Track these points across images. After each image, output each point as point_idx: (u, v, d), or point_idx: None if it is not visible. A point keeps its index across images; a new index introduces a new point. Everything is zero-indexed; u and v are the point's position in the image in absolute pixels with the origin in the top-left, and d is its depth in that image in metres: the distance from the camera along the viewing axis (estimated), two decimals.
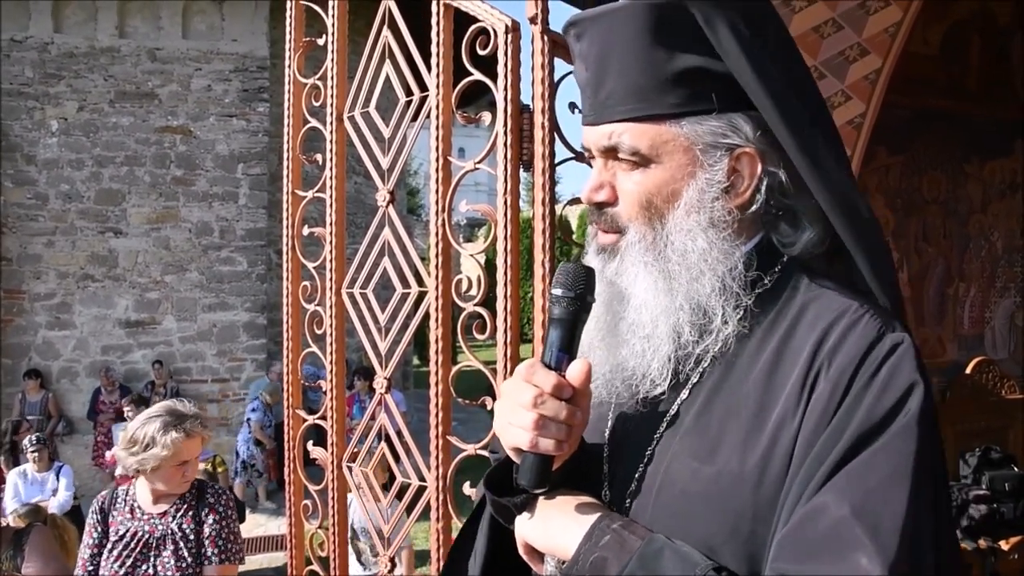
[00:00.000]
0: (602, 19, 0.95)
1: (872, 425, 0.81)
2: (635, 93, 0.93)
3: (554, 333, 0.93)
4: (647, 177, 0.94)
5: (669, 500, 0.91)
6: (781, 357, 0.89)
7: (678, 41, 0.91)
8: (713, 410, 0.91)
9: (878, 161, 4.23)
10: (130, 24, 9.40)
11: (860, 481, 0.79)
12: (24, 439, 6.58)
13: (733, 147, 0.94)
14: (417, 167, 25.65)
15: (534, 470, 0.90)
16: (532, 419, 0.88)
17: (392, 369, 2.23)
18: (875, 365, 0.84)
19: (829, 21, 2.63)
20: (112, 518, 2.82)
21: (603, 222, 0.98)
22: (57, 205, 9.20)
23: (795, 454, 0.84)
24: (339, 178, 2.35)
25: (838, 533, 0.77)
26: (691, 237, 0.93)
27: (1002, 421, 4.53)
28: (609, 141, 0.95)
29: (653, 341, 0.93)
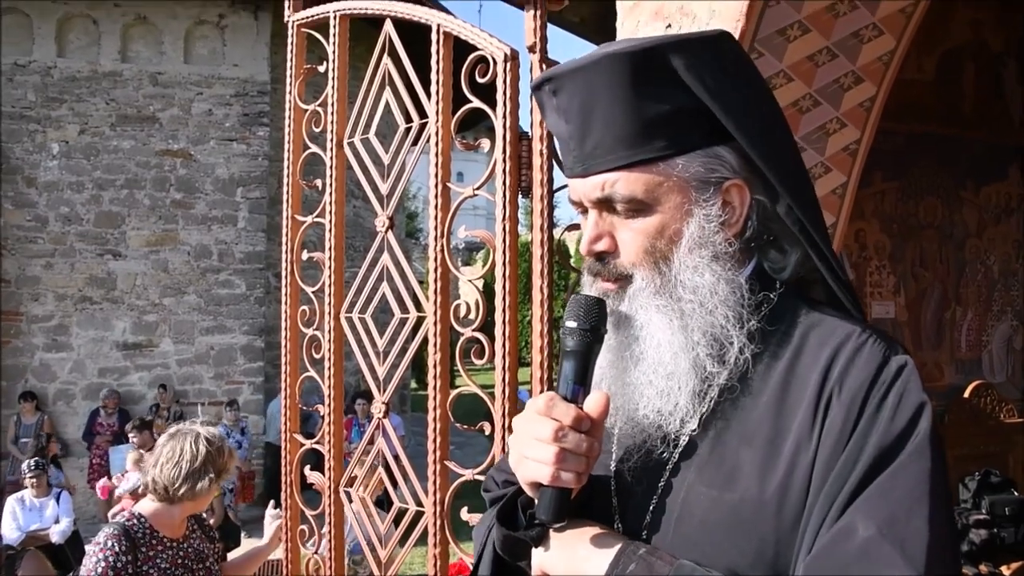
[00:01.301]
0: (580, 73, 0.96)
1: (887, 446, 0.84)
2: (623, 141, 0.94)
3: (568, 365, 0.93)
4: (647, 222, 0.95)
5: (689, 530, 0.91)
6: (789, 383, 0.91)
7: (658, 85, 0.93)
8: (726, 439, 0.92)
9: (874, 186, 4.26)
10: (132, 49, 9.50)
11: (883, 501, 0.81)
12: (24, 464, 6.50)
13: (723, 180, 0.96)
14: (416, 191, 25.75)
15: (554, 504, 0.90)
16: (553, 453, 0.88)
17: (390, 394, 2.23)
18: (884, 388, 0.87)
19: (823, 50, 2.66)
20: (143, 554, 2.55)
21: (606, 272, 0.98)
22: (56, 227, 9.22)
23: (813, 478, 0.86)
24: (338, 203, 2.36)
25: (867, 552, 0.79)
26: (699, 273, 0.94)
27: (1001, 445, 4.52)
28: (603, 192, 0.96)
29: (677, 379, 0.94)
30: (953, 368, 4.59)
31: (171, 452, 2.62)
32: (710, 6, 2.56)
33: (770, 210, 0.98)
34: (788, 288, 0.99)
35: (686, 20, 2.64)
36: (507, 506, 1.00)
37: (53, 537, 6.20)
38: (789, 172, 0.97)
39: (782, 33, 2.56)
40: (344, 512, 2.35)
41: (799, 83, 2.68)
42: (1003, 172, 4.75)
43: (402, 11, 2.21)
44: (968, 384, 4.52)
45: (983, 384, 4.56)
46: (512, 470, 0.96)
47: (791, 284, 1.00)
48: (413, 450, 9.03)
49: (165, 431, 2.85)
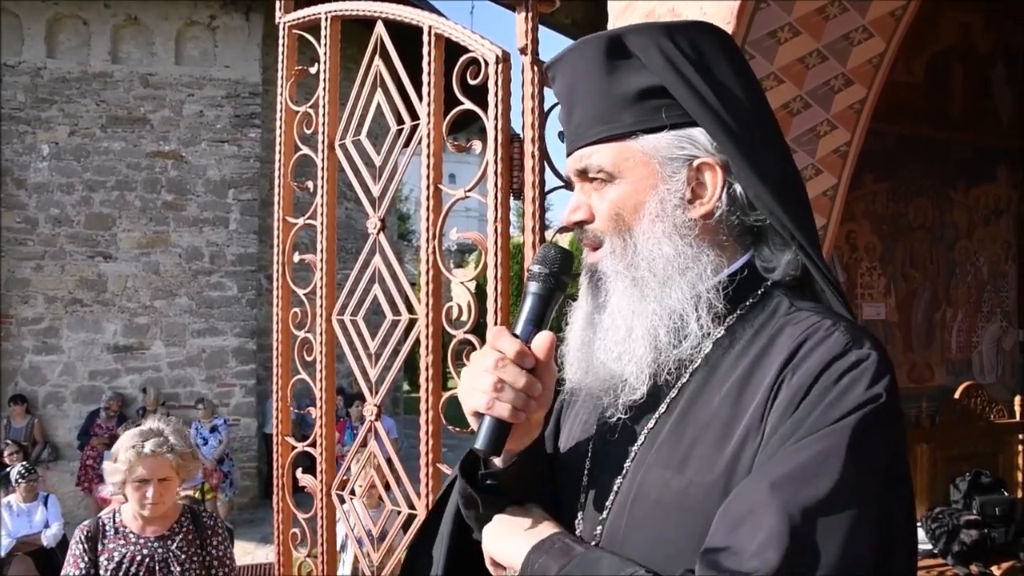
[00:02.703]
0: (566, 58, 1.06)
1: (819, 428, 0.83)
2: (597, 118, 1.02)
3: (526, 306, 0.99)
4: (614, 192, 1.01)
5: (642, 511, 0.94)
6: (753, 372, 0.93)
7: (629, 67, 1.00)
8: (688, 423, 0.95)
9: (865, 188, 4.28)
10: (123, 50, 9.45)
11: (781, 464, 0.81)
12: (13, 470, 6.44)
13: (692, 158, 0.99)
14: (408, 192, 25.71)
15: (490, 435, 0.93)
16: (491, 382, 0.92)
17: (382, 396, 2.23)
18: (835, 376, 0.86)
19: (814, 52, 2.67)
20: (102, 546, 2.74)
21: (586, 238, 1.05)
22: (47, 229, 9.16)
23: (755, 463, 0.86)
24: (330, 205, 2.36)
25: (758, 504, 0.79)
26: (656, 244, 0.98)
27: (991, 445, 4.54)
28: (580, 164, 1.04)
29: (630, 344, 0.97)
30: (943, 369, 4.61)
31: (112, 451, 2.78)
32: (701, 8, 2.57)
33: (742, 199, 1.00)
34: (778, 287, 1.01)
35: None
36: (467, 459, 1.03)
37: (45, 541, 6.16)
38: (768, 165, 0.98)
39: (772, 35, 2.57)
40: (336, 515, 2.34)
41: (790, 85, 2.69)
42: (992, 174, 4.78)
43: (393, 13, 2.21)
44: (958, 385, 4.54)
45: (973, 385, 4.58)
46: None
47: (783, 284, 1.01)
48: (406, 452, 9.02)
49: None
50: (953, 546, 3.91)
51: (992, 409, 4.58)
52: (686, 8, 2.62)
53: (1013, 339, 4.87)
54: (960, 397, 4.50)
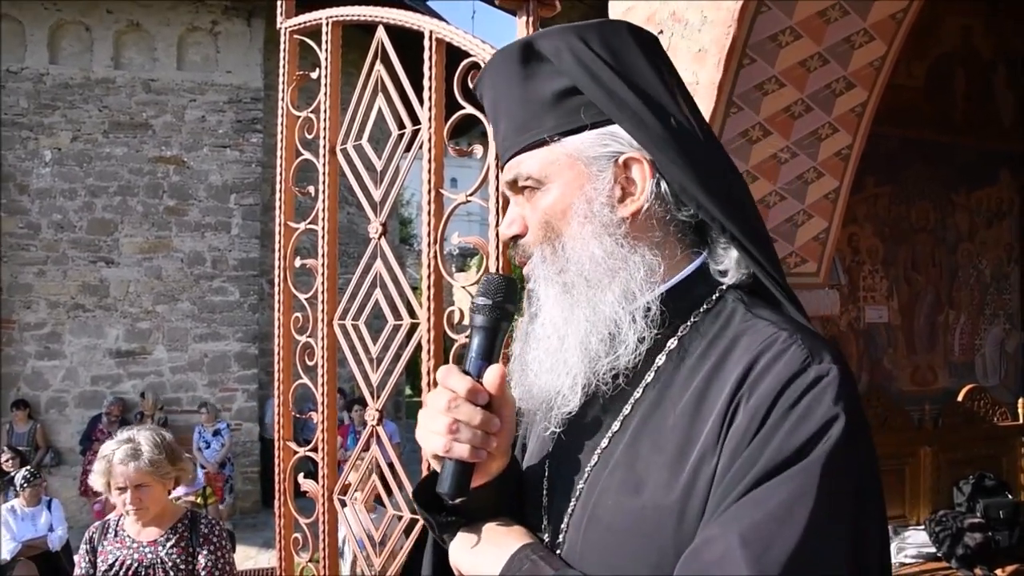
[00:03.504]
0: (487, 73, 1.05)
1: (784, 458, 0.78)
2: (520, 126, 1.00)
3: (474, 341, 0.95)
4: (543, 198, 0.98)
5: (597, 535, 0.90)
6: (708, 389, 0.87)
7: (544, 71, 0.98)
8: (641, 443, 0.90)
9: (867, 191, 4.28)
10: (125, 55, 9.48)
11: (753, 510, 0.76)
12: (18, 475, 6.44)
13: (617, 154, 0.96)
14: (409, 196, 25.72)
15: (452, 478, 0.90)
16: (446, 424, 0.89)
17: (384, 401, 2.23)
18: (795, 396, 0.80)
19: (815, 55, 2.67)
20: (102, 547, 2.79)
21: (519, 254, 1.02)
22: (49, 235, 9.18)
23: (713, 487, 0.82)
24: (331, 210, 2.36)
25: (724, 559, 0.74)
26: (584, 245, 0.94)
27: (995, 448, 4.54)
28: (510, 175, 1.01)
29: (562, 354, 0.94)
30: (946, 372, 4.60)
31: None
32: (702, 12, 2.57)
33: (668, 195, 0.96)
34: (733, 291, 0.96)
35: (678, 26, 2.65)
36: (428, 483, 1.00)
37: (51, 544, 6.17)
38: (691, 156, 0.94)
39: (774, 39, 2.57)
40: (338, 520, 2.34)
41: (791, 88, 2.69)
42: (994, 177, 4.78)
43: (395, 18, 2.21)
44: (961, 388, 4.54)
45: (976, 388, 4.58)
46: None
47: (741, 288, 0.96)
48: (408, 457, 9.00)
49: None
50: (957, 549, 3.90)
51: (995, 412, 4.57)
52: (687, 11, 2.62)
53: (1016, 341, 4.86)
54: (963, 400, 4.49)
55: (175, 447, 2.91)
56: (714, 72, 2.51)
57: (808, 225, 2.97)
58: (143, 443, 2.76)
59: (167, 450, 2.82)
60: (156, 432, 2.89)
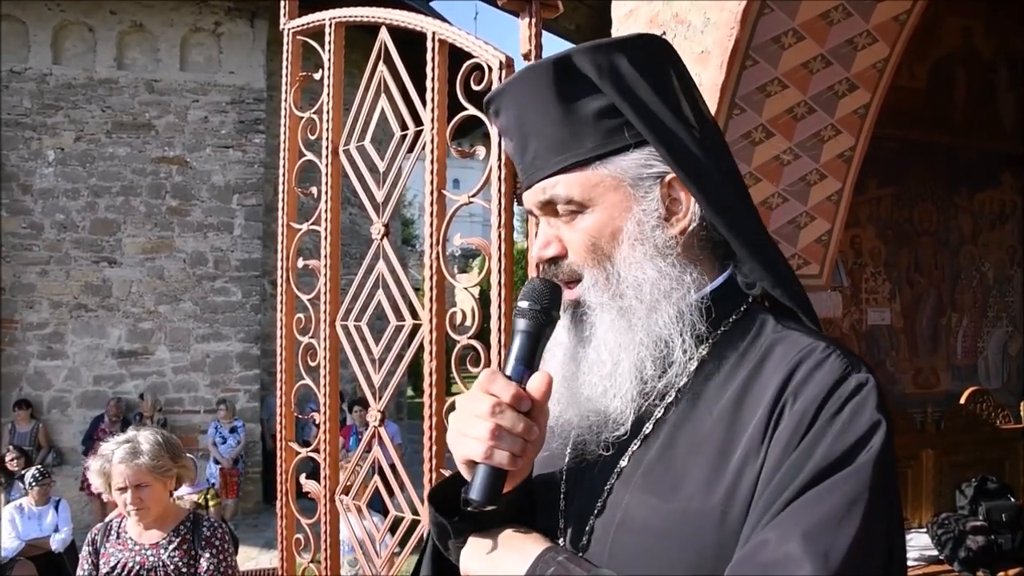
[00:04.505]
0: (511, 89, 1.01)
1: (832, 461, 0.81)
2: (556, 146, 0.97)
3: (516, 345, 0.93)
4: (588, 221, 0.97)
5: (630, 537, 0.90)
6: (746, 394, 0.90)
7: (581, 88, 0.96)
8: (676, 446, 0.91)
9: (869, 193, 4.27)
10: (128, 56, 9.49)
11: (815, 511, 0.79)
12: (27, 473, 6.45)
13: (663, 174, 0.96)
14: (412, 198, 25.73)
15: (486, 484, 0.87)
16: (488, 429, 0.86)
17: (386, 402, 2.23)
18: (839, 403, 0.84)
19: (818, 57, 2.67)
20: (104, 549, 2.79)
21: (562, 274, 0.99)
22: (52, 235, 9.20)
23: (758, 489, 0.84)
24: (334, 211, 2.36)
25: (788, 558, 0.76)
26: (640, 269, 0.94)
27: (998, 451, 4.52)
28: (544, 196, 0.98)
29: (615, 379, 0.93)
30: (949, 374, 4.59)
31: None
32: (704, 14, 2.57)
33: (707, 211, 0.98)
34: (756, 302, 0.99)
35: (681, 28, 2.65)
36: (446, 488, 0.98)
37: (53, 545, 6.17)
38: (714, 179, 0.96)
39: (777, 41, 2.57)
40: (340, 520, 2.34)
41: (794, 90, 2.69)
42: (996, 179, 4.77)
43: (397, 19, 2.22)
44: (964, 390, 4.53)
45: (979, 390, 4.56)
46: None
47: (765, 301, 1.00)
48: (410, 458, 8.99)
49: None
50: (959, 552, 3.89)
51: (998, 414, 4.56)
52: (690, 12, 2.62)
53: (1019, 344, 4.85)
54: (966, 403, 4.48)
55: (176, 446, 2.90)
56: (717, 74, 2.52)
57: (811, 227, 2.97)
58: (143, 442, 2.76)
59: (167, 449, 2.81)
60: (156, 431, 2.89)
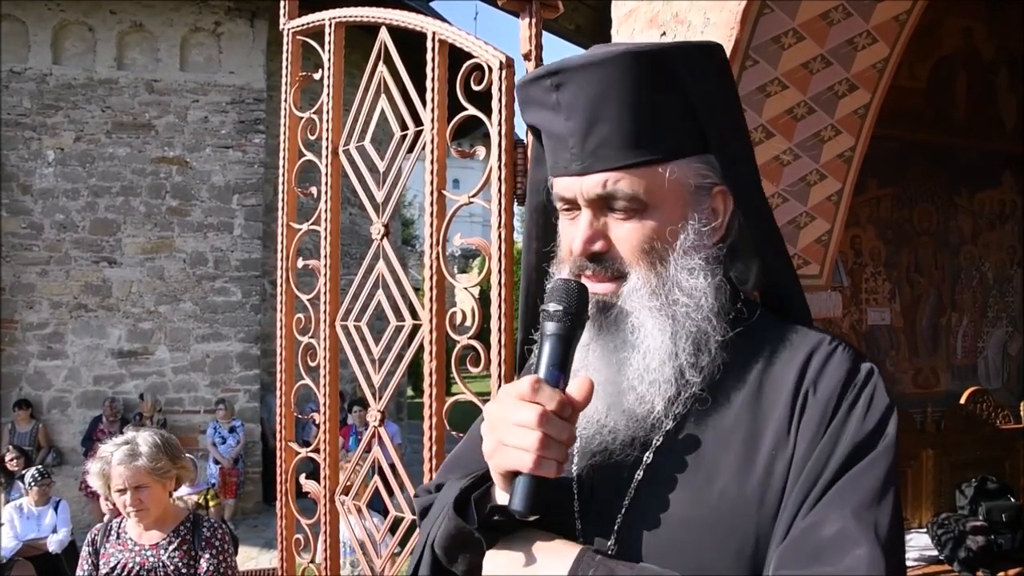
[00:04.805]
0: (591, 69, 0.95)
1: (859, 443, 0.89)
2: (628, 140, 0.94)
3: (549, 350, 0.91)
4: (645, 222, 0.95)
5: (667, 531, 0.91)
6: (763, 387, 0.94)
7: (664, 89, 0.95)
8: (702, 440, 0.93)
9: (869, 193, 4.27)
10: (128, 56, 9.49)
11: (857, 491, 0.86)
12: (27, 473, 6.45)
13: (712, 185, 0.98)
14: (412, 198, 25.74)
15: (530, 494, 0.86)
16: (537, 439, 0.85)
17: (386, 402, 2.23)
18: (857, 390, 0.92)
19: (818, 57, 2.67)
20: (104, 550, 2.79)
21: (601, 272, 0.97)
22: (52, 235, 9.20)
23: (791, 473, 0.89)
24: (334, 211, 2.36)
25: (843, 534, 0.83)
26: (694, 276, 0.95)
27: (998, 451, 4.52)
28: (604, 190, 0.95)
29: (658, 385, 0.94)
30: (949, 374, 4.59)
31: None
32: (705, 14, 2.57)
33: (741, 220, 1.01)
34: (750, 299, 1.03)
35: (681, 28, 2.65)
36: (461, 498, 0.96)
37: (51, 546, 6.16)
38: (753, 185, 1.02)
39: (776, 41, 2.57)
40: (339, 520, 2.34)
41: (794, 90, 2.69)
42: (996, 179, 4.77)
43: (397, 19, 2.22)
44: (964, 390, 4.52)
45: (979, 390, 4.56)
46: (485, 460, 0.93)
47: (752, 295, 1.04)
48: (410, 458, 8.99)
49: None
50: (959, 552, 3.89)
51: (998, 414, 4.56)
52: (690, 12, 2.62)
53: (1019, 344, 4.85)
54: (966, 403, 4.48)
55: (174, 446, 2.89)
56: None
57: (811, 227, 2.97)
58: (141, 444, 2.75)
59: (166, 450, 2.80)
60: (155, 432, 2.89)
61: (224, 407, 9.00)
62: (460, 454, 1.18)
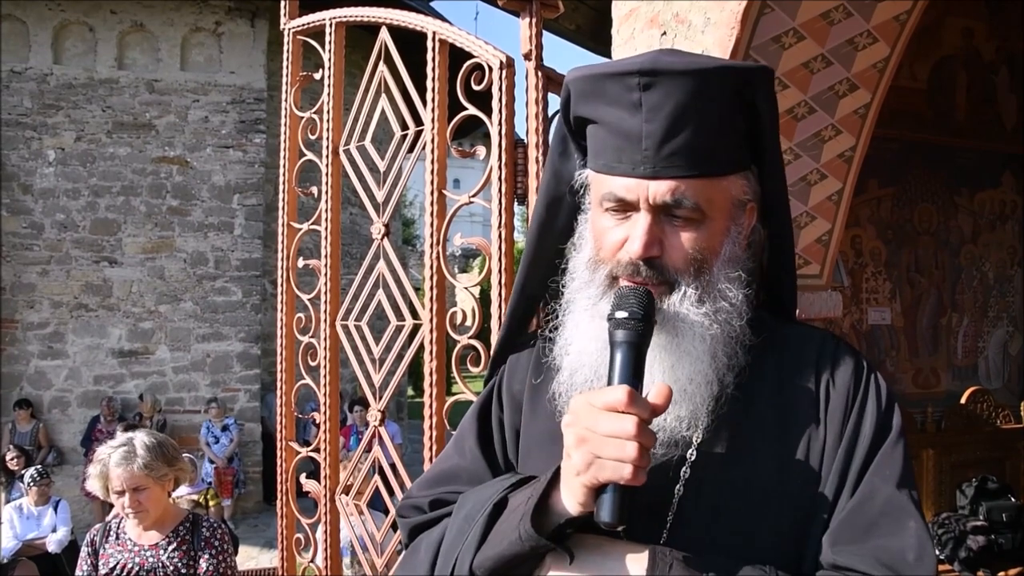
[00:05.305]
0: (687, 76, 0.96)
1: (880, 426, 1.00)
2: (703, 152, 0.98)
3: (619, 358, 0.92)
4: (699, 232, 0.99)
5: (719, 521, 0.97)
6: (784, 382, 1.04)
7: (738, 106, 1.00)
8: (740, 435, 1.01)
9: (869, 193, 4.27)
10: (129, 56, 9.49)
11: (891, 468, 0.97)
12: (26, 473, 6.45)
13: (747, 202, 1.05)
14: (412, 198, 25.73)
15: (622, 504, 0.87)
16: (636, 449, 0.86)
17: (386, 401, 2.23)
18: (865, 378, 1.03)
19: (818, 57, 2.67)
20: (103, 550, 2.79)
21: (651, 277, 0.98)
22: (52, 234, 9.20)
23: (824, 457, 0.99)
24: (334, 211, 2.36)
25: (892, 506, 0.94)
26: (735, 286, 1.01)
27: (998, 451, 4.52)
28: (672, 197, 0.97)
29: (699, 386, 0.98)
30: (949, 374, 4.59)
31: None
32: (705, 14, 2.57)
33: (760, 234, 1.09)
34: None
35: (681, 28, 2.65)
36: (529, 514, 0.94)
37: (50, 546, 6.15)
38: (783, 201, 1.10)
39: (777, 40, 2.57)
40: (340, 520, 2.34)
41: (794, 90, 2.69)
42: (996, 179, 4.77)
43: (398, 18, 2.22)
44: (964, 390, 4.53)
45: (980, 390, 4.56)
46: (571, 473, 0.91)
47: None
48: (410, 458, 8.99)
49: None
50: (960, 552, 3.89)
51: (998, 414, 4.56)
52: (690, 12, 2.62)
53: (1019, 344, 4.85)
54: (966, 402, 4.48)
55: (171, 448, 2.89)
56: None
57: (811, 227, 2.97)
58: (138, 446, 2.75)
59: (163, 451, 2.80)
60: (151, 434, 2.89)
61: (217, 406, 8.97)
62: (452, 467, 1.17)
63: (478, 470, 1.12)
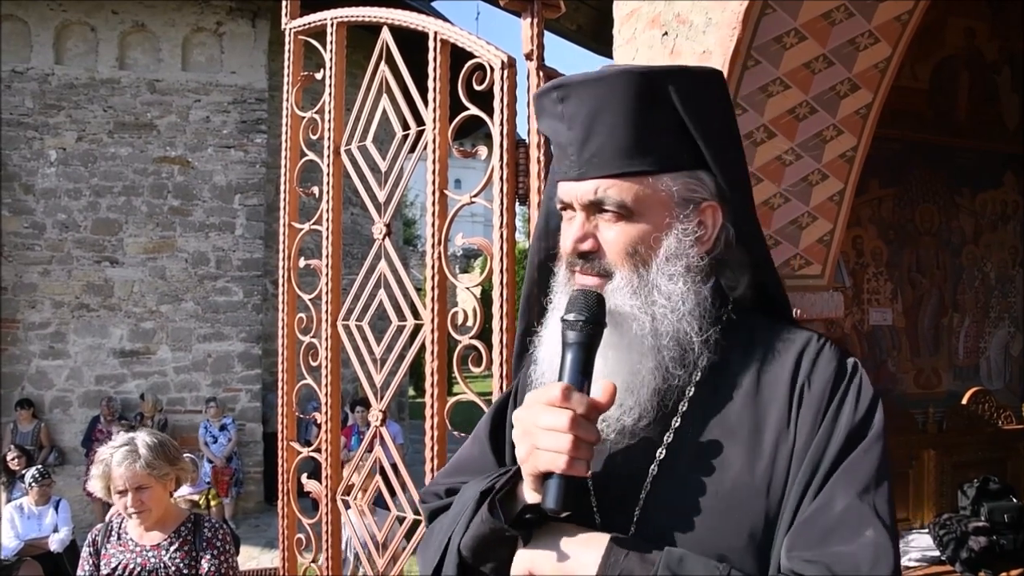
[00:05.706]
0: (593, 84, 1.06)
1: (854, 431, 0.99)
2: (621, 152, 1.04)
3: (570, 357, 0.99)
4: (631, 228, 1.05)
5: (684, 518, 0.99)
6: (761, 382, 1.04)
7: (657, 108, 1.04)
8: (711, 433, 1.02)
9: (870, 193, 4.27)
10: (130, 56, 9.50)
11: (857, 475, 0.96)
12: (27, 473, 6.45)
13: (700, 200, 1.07)
14: (413, 198, 25.73)
15: (563, 494, 0.93)
16: (570, 441, 0.92)
17: (387, 401, 2.23)
18: (846, 382, 1.03)
19: (820, 57, 2.67)
20: (105, 550, 2.79)
21: (589, 268, 1.06)
22: (54, 234, 9.21)
23: (793, 461, 0.99)
24: (335, 211, 2.36)
25: (851, 515, 0.93)
26: (673, 281, 1.04)
27: (1000, 452, 4.51)
28: (595, 196, 1.05)
29: (641, 376, 1.02)
30: (951, 375, 4.59)
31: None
32: (707, 14, 2.57)
33: (731, 235, 1.10)
34: (738, 302, 1.12)
35: (683, 28, 2.65)
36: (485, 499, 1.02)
37: (52, 546, 6.16)
38: (745, 209, 1.12)
39: (778, 41, 2.57)
40: (341, 520, 2.34)
41: (796, 90, 2.69)
42: (998, 180, 4.76)
43: (399, 18, 2.22)
44: (966, 391, 4.52)
45: (981, 391, 4.55)
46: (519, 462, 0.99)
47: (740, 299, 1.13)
48: (412, 457, 8.99)
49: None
50: (961, 553, 3.88)
51: (1000, 415, 4.55)
52: (691, 12, 2.62)
53: (1021, 344, 4.84)
54: (967, 403, 4.48)
55: (172, 447, 2.89)
56: None
57: (812, 227, 2.96)
58: (140, 445, 2.75)
59: (164, 451, 2.80)
60: (152, 433, 2.89)
61: (215, 405, 8.98)
62: (466, 457, 1.25)
63: (486, 461, 1.19)
